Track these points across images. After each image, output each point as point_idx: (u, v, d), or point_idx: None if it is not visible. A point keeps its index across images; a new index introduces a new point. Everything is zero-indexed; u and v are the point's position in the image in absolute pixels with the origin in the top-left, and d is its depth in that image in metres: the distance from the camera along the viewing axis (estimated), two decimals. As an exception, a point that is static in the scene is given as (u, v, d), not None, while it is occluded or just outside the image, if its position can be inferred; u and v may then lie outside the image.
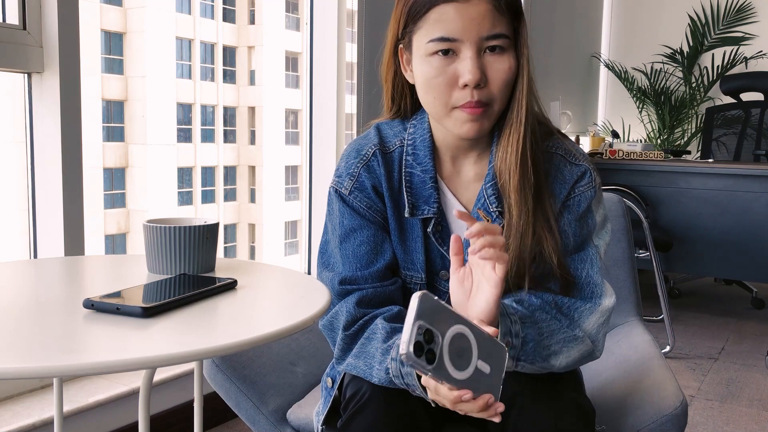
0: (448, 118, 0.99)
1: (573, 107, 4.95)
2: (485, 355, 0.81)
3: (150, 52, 10.64)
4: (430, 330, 0.75)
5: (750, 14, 5.16)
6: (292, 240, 11.36)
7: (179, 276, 1.01)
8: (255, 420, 1.28)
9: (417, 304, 0.75)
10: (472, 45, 0.94)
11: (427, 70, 0.97)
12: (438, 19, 0.95)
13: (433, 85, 0.97)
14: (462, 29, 0.94)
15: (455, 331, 0.78)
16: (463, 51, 0.95)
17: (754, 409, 2.38)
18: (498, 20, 0.95)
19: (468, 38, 0.94)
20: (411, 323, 0.74)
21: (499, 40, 0.95)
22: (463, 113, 0.97)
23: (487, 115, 0.98)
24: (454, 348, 0.78)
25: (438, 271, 1.07)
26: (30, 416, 1.61)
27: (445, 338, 0.77)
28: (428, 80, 0.97)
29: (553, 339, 0.98)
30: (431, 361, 0.75)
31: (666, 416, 1.13)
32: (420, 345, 0.74)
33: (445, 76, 0.96)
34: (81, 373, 0.69)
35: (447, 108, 0.98)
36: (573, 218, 1.04)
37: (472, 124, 0.97)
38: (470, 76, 0.94)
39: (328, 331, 1.07)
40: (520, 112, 0.99)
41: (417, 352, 0.74)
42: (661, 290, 2.94)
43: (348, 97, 2.65)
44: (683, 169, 3.46)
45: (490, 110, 0.98)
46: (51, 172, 1.69)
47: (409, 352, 0.73)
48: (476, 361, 0.80)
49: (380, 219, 1.06)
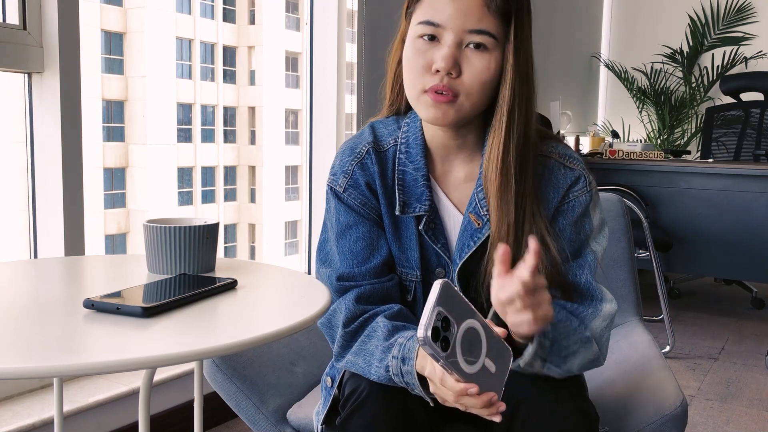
0: (418, 103, 1.00)
1: (573, 107, 4.95)
2: (493, 354, 0.81)
3: (150, 52, 10.64)
4: (448, 318, 0.76)
5: (750, 14, 5.16)
6: (292, 240, 11.35)
7: (179, 276, 1.01)
8: (255, 420, 1.28)
9: (439, 290, 0.75)
10: (453, 34, 0.96)
11: (410, 51, 1.00)
12: (431, 3, 0.97)
13: (411, 65, 0.99)
14: (448, 16, 0.96)
15: (469, 325, 0.79)
16: (444, 38, 0.96)
17: (754, 409, 2.38)
18: (486, 17, 0.95)
19: (452, 26, 0.96)
20: (431, 308, 0.74)
21: (482, 36, 0.96)
22: (428, 98, 0.98)
23: (453, 106, 0.98)
24: (466, 341, 0.78)
25: (433, 268, 1.07)
26: (30, 416, 1.61)
27: (460, 329, 0.77)
28: (408, 60, 1.00)
29: (571, 339, 0.98)
30: (445, 349, 0.76)
31: (666, 416, 1.13)
32: (437, 331, 0.75)
33: (423, 59, 0.98)
34: (81, 373, 0.69)
35: (417, 90, 0.99)
36: (568, 223, 1.05)
37: (436, 110, 0.98)
38: (443, 63, 0.95)
39: (327, 329, 1.07)
40: (502, 118, 0.99)
41: (433, 337, 0.74)
42: (661, 290, 2.94)
43: (348, 97, 2.65)
44: (683, 169, 3.46)
45: (457, 102, 0.98)
46: (51, 172, 1.69)
47: (427, 336, 0.74)
48: (484, 358, 0.80)
49: (375, 216, 1.07)
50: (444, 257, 1.06)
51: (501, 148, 0.99)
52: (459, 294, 0.78)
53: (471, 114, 1.00)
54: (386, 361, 0.95)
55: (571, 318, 1.00)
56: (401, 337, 0.96)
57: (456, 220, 1.07)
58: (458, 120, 1.00)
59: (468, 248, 1.04)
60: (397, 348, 0.94)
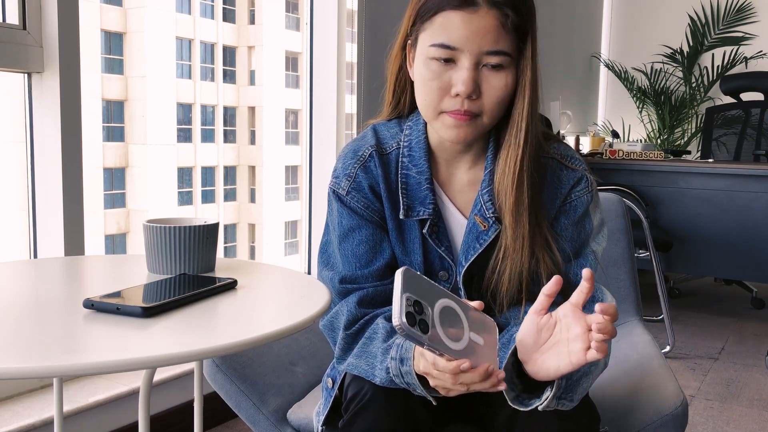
0: (436, 121, 1.00)
1: (573, 107, 4.95)
2: (476, 327, 0.81)
3: (150, 52, 10.63)
4: (419, 301, 0.76)
5: (750, 14, 5.16)
6: (292, 240, 11.34)
7: (179, 276, 1.01)
8: (255, 420, 1.28)
9: (401, 278, 0.76)
10: (471, 56, 0.95)
11: (424, 72, 0.98)
12: (443, 24, 0.95)
13: (428, 87, 0.98)
14: (464, 39, 0.94)
15: (443, 305, 0.79)
16: (461, 60, 0.95)
17: (754, 409, 2.38)
18: (502, 37, 0.95)
19: (468, 49, 0.94)
20: (399, 296, 0.75)
21: (499, 57, 0.95)
22: (450, 118, 0.98)
23: (474, 125, 0.98)
24: (445, 320, 0.78)
25: (437, 272, 1.07)
26: (30, 416, 1.61)
27: (434, 310, 0.77)
28: (424, 81, 0.99)
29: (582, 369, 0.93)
30: (425, 332, 0.75)
31: (666, 416, 1.13)
32: (411, 316, 0.75)
33: (440, 81, 0.97)
34: (81, 373, 0.69)
35: (436, 111, 0.99)
36: (570, 223, 1.05)
37: (458, 130, 0.98)
38: (463, 87, 0.95)
39: (329, 331, 1.07)
40: (519, 134, 0.99)
41: (410, 323, 0.74)
42: (661, 290, 2.94)
43: (348, 97, 2.65)
44: (683, 169, 3.46)
45: (478, 121, 0.98)
46: (51, 172, 1.69)
47: (402, 323, 0.73)
48: (469, 333, 0.80)
49: (378, 219, 1.06)
50: (447, 260, 1.06)
51: (518, 162, 1.00)
52: (423, 278, 0.79)
53: (488, 128, 1.01)
54: (386, 362, 0.95)
55: None
56: (399, 338, 0.96)
57: (459, 223, 1.07)
58: (477, 137, 1.01)
59: (474, 250, 1.03)
60: (394, 349, 0.94)
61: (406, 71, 1.07)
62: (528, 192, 1.00)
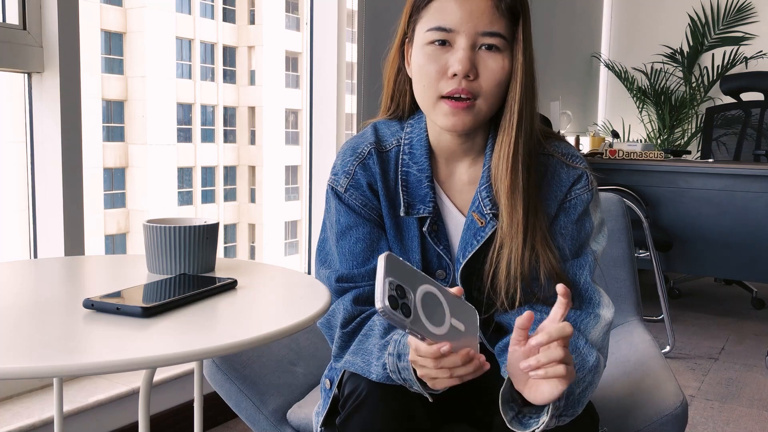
0: (434, 110, 1.00)
1: (573, 107, 4.95)
2: (457, 313, 0.82)
3: (150, 52, 10.63)
4: (401, 286, 0.77)
5: (750, 14, 5.16)
6: (292, 240, 11.34)
7: (179, 276, 1.01)
8: (255, 420, 1.28)
9: (384, 262, 0.77)
10: (467, 37, 0.96)
11: (421, 58, 0.99)
12: (438, 9, 0.97)
13: (425, 72, 0.99)
14: (459, 20, 0.96)
15: (425, 290, 0.80)
16: (458, 42, 0.97)
17: (754, 409, 2.38)
18: (496, 19, 0.96)
19: (464, 30, 0.96)
20: (381, 280, 0.76)
21: (494, 38, 0.97)
22: (447, 106, 0.98)
23: (472, 112, 0.98)
24: (427, 305, 0.79)
25: (434, 270, 1.07)
26: (30, 416, 1.61)
27: (417, 295, 0.79)
28: (421, 67, 0.99)
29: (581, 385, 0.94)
30: (407, 315, 0.77)
31: (666, 416, 1.13)
32: (394, 299, 0.76)
33: (437, 64, 0.98)
34: (81, 373, 0.69)
35: (434, 97, 0.99)
36: (570, 221, 1.05)
37: (456, 118, 0.98)
38: (459, 66, 0.96)
39: (326, 329, 1.07)
40: (512, 117, 1.00)
41: (392, 306, 0.75)
42: (661, 290, 2.94)
43: (348, 97, 2.65)
44: (683, 169, 3.46)
45: (475, 107, 0.98)
46: (51, 172, 1.69)
47: (385, 306, 0.75)
48: (450, 319, 0.81)
49: (376, 217, 1.06)
50: (446, 259, 1.06)
51: (512, 146, 1.00)
52: (406, 263, 0.80)
53: (486, 117, 1.01)
54: (383, 358, 0.95)
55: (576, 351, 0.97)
56: (396, 333, 0.96)
57: (458, 222, 1.07)
58: (475, 125, 1.01)
59: (471, 247, 1.03)
60: (392, 345, 0.94)
61: (405, 73, 1.07)
62: (523, 176, 1.00)
